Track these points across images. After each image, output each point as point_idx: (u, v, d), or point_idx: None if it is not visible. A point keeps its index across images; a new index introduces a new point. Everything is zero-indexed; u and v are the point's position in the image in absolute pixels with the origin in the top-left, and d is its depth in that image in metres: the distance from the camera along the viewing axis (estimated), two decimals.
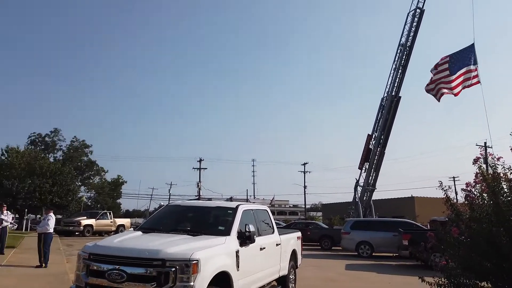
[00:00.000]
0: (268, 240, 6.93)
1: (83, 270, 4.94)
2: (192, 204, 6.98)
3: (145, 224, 6.53)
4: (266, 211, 7.60)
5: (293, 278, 8.41)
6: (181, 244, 5.00)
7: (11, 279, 8.57)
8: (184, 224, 6.29)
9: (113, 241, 5.29)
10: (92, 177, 61.83)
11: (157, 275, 4.52)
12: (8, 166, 33.05)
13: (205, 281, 4.72)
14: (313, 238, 21.47)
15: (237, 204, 6.51)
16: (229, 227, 5.87)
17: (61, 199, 34.30)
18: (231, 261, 5.38)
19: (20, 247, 15.04)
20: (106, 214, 30.54)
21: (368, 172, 28.57)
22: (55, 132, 59.82)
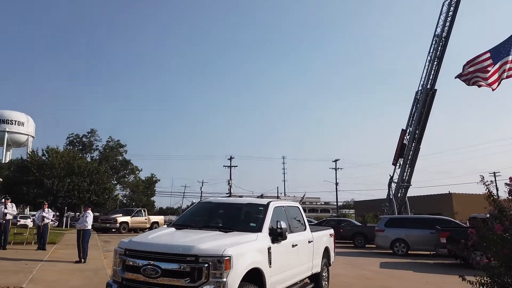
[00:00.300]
0: (300, 237, 6.85)
1: (119, 265, 5.07)
2: (223, 201, 7.02)
3: (178, 221, 6.62)
4: (297, 208, 7.52)
5: (326, 276, 8.30)
6: (213, 240, 5.03)
7: (53, 273, 8.95)
8: (216, 221, 6.33)
9: (148, 237, 5.40)
10: (127, 176, 63.60)
11: (190, 271, 4.56)
12: (48, 166, 34.53)
13: (238, 277, 4.72)
14: (345, 235, 21.13)
15: (268, 201, 6.47)
16: (260, 223, 5.85)
17: (98, 197, 35.55)
18: (263, 258, 5.36)
19: (61, 243, 15.69)
20: (140, 212, 31.37)
21: (403, 168, 27.76)
22: (92, 133, 62.06)
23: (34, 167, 33.95)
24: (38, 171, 33.59)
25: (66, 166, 34.87)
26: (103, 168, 38.60)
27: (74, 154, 38.99)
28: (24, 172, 34.00)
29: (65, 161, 35.32)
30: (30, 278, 8.16)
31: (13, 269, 9.12)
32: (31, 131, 73.15)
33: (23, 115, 72.08)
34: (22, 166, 35.83)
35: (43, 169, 34.03)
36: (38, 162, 34.84)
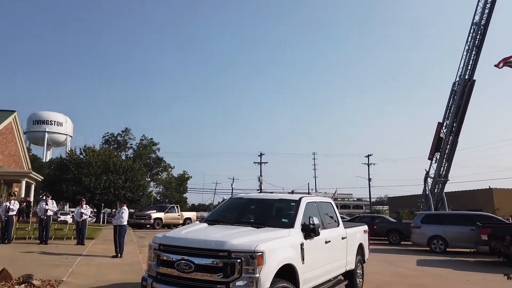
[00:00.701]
0: (333, 233, 6.73)
1: (154, 260, 5.14)
2: (255, 196, 6.97)
3: (210, 216, 6.65)
4: (330, 203, 7.38)
5: (361, 273, 8.12)
6: (245, 236, 5.00)
7: (91, 268, 9.25)
8: (247, 216, 6.30)
9: (181, 232, 5.44)
10: (160, 173, 65.05)
11: (223, 266, 4.56)
12: (86, 164, 35.83)
13: (271, 273, 4.67)
14: (380, 232, 20.64)
15: (300, 197, 6.38)
16: (292, 219, 5.78)
17: (133, 194, 36.55)
18: (296, 254, 5.28)
19: (99, 239, 16.22)
20: (174, 208, 31.99)
21: (439, 163, 26.77)
22: (126, 132, 63.86)
23: (73, 165, 35.34)
24: (76, 169, 34.94)
25: (102, 164, 36.04)
26: (137, 166, 39.60)
27: (110, 153, 40.22)
28: (63, 170, 35.46)
29: (101, 159, 36.50)
30: (70, 272, 8.47)
31: (54, 263, 9.50)
32: (69, 131, 76.25)
33: (61, 115, 75.24)
34: (61, 164, 37.38)
35: (81, 167, 35.34)
36: (76, 161, 36.22)
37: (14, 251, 11.35)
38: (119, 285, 7.50)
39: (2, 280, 6.82)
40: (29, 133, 70.38)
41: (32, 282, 6.84)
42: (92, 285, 7.27)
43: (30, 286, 6.71)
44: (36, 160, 57.68)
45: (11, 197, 13.89)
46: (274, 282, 4.72)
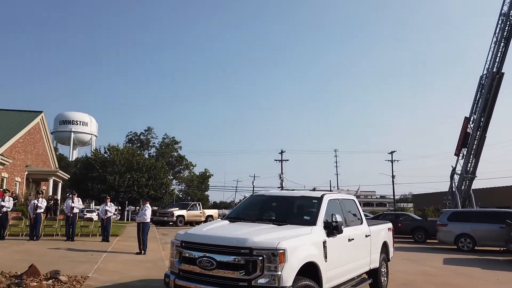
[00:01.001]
0: (356, 231, 6.60)
1: (176, 257, 5.16)
2: (276, 193, 6.92)
3: (231, 214, 6.64)
4: (353, 201, 7.24)
5: (385, 272, 7.95)
6: (267, 233, 4.96)
7: (116, 264, 9.41)
8: (269, 214, 6.26)
9: (202, 229, 5.44)
10: (182, 171, 65.80)
11: (245, 263, 4.52)
12: (110, 163, 36.62)
13: (293, 270, 4.61)
14: (404, 230, 20.21)
15: (322, 194, 6.28)
16: (314, 217, 5.69)
17: (156, 191, 37.11)
18: (318, 252, 5.20)
19: (123, 235, 16.54)
20: (196, 206, 32.30)
21: (467, 159, 25.94)
22: (149, 131, 64.85)
23: (98, 164, 36.19)
24: (101, 168, 35.76)
25: (126, 163, 36.75)
26: (160, 164, 40.16)
27: (133, 151, 40.97)
28: (89, 169, 36.36)
29: (125, 158, 37.23)
30: (95, 268, 8.65)
31: (80, 259, 9.72)
32: (94, 131, 78.14)
33: (86, 115, 77.18)
34: (87, 163, 38.34)
35: (106, 166, 36.14)
36: (101, 160, 37.07)
37: (42, 247, 11.69)
38: (143, 281, 7.60)
39: (31, 275, 7.01)
40: (56, 133, 72.54)
41: (59, 278, 7.00)
42: (117, 281, 7.39)
43: (57, 282, 6.86)
44: (63, 159, 59.40)
45: (39, 195, 14.32)
46: (297, 280, 4.66)
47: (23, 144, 26.45)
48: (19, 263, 8.62)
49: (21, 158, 26.31)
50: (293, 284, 4.58)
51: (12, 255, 9.96)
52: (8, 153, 22.99)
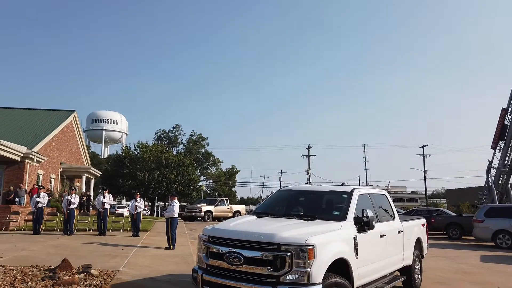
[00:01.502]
0: (388, 227, 6.37)
1: (203, 252, 5.11)
2: (304, 188, 6.76)
3: (259, 209, 6.54)
4: (384, 195, 6.99)
5: (419, 269, 7.66)
6: (295, 229, 4.84)
7: (145, 259, 9.54)
8: (297, 209, 6.12)
9: (230, 224, 5.37)
10: (209, 168, 66.43)
11: (273, 259, 4.42)
12: (140, 159, 37.42)
13: (323, 267, 4.47)
14: (438, 226, 19.52)
15: (352, 188, 6.07)
16: (344, 212, 5.51)
17: (184, 187, 37.64)
18: (349, 248, 5.03)
19: (153, 231, 16.81)
20: (223, 201, 32.48)
21: (504, 152, 24.78)
22: (176, 128, 65.86)
23: (128, 161, 37.06)
24: (131, 165, 36.60)
25: (155, 160, 37.45)
26: (188, 161, 40.67)
27: (162, 148, 41.69)
28: (120, 166, 37.31)
29: (154, 155, 37.94)
30: (126, 262, 8.79)
31: (111, 254, 9.92)
32: (125, 129, 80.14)
33: (117, 114, 79.23)
34: (117, 160, 39.35)
35: (136, 163, 36.96)
36: (131, 157, 37.94)
37: (75, 242, 12.03)
38: (171, 275, 7.65)
39: (64, 269, 7.19)
40: (88, 131, 74.94)
41: (91, 272, 7.14)
42: (147, 276, 7.47)
43: (89, 276, 7.00)
44: (95, 156, 61.19)
45: (72, 191, 14.75)
46: (326, 276, 4.52)
47: (57, 142, 27.35)
48: (53, 257, 8.88)
49: (56, 156, 27.23)
50: (323, 281, 4.44)
51: (47, 249, 10.30)
52: (43, 151, 23.81)
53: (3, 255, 9.04)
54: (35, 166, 22.72)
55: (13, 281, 6.33)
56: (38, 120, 27.77)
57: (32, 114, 29.50)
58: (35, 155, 21.57)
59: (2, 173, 20.92)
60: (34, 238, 12.61)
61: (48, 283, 6.35)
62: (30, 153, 20.98)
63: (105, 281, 6.78)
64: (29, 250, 9.96)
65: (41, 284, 6.25)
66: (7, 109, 30.22)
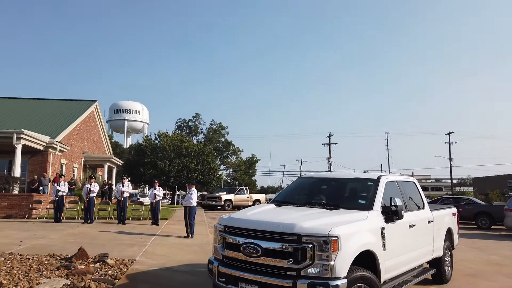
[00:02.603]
0: (417, 216, 5.94)
1: (219, 243, 4.82)
2: (326, 175, 6.35)
3: (278, 197, 6.18)
4: (413, 183, 6.53)
5: (449, 261, 7.19)
6: (317, 219, 4.48)
7: (163, 248, 9.39)
8: (319, 197, 5.75)
9: (246, 213, 5.04)
10: (229, 157, 66.41)
11: (293, 251, 4.09)
12: (160, 148, 37.64)
13: (348, 260, 4.11)
14: (466, 215, 18.75)
15: (379, 175, 5.65)
16: (371, 200, 5.11)
17: (204, 176, 37.69)
18: (375, 239, 4.65)
19: (172, 219, 16.76)
20: (243, 190, 32.37)
21: None
22: (196, 117, 65.91)
23: (149, 150, 37.34)
24: (152, 154, 36.87)
25: (175, 149, 37.60)
26: (208, 149, 40.64)
27: (182, 137, 41.79)
28: (141, 155, 37.64)
29: (174, 144, 38.09)
30: (143, 251, 8.65)
31: (130, 242, 9.82)
32: (146, 119, 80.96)
33: (138, 104, 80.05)
34: (139, 149, 39.73)
35: (156, 152, 37.21)
36: (151, 146, 38.21)
37: (94, 230, 12.03)
38: (189, 265, 7.44)
39: (80, 258, 7.08)
40: (111, 121, 76.09)
41: (107, 261, 7.00)
42: (163, 265, 7.28)
43: (104, 265, 6.86)
44: (118, 146, 62.14)
45: (91, 180, 14.77)
46: (352, 270, 4.16)
47: (79, 132, 27.70)
48: (71, 245, 8.83)
49: (78, 145, 27.61)
50: (348, 275, 4.09)
51: (65, 238, 10.30)
52: (66, 140, 24.13)
53: (22, 243, 9.06)
54: (58, 156, 23.06)
55: (28, 270, 6.24)
56: (60, 110, 28.16)
57: (55, 104, 29.96)
58: (57, 144, 21.87)
59: (27, 162, 21.31)
60: (55, 227, 12.70)
61: (63, 272, 6.23)
62: (53, 142, 21.27)
63: (120, 271, 6.62)
64: (48, 239, 9.97)
65: (56, 274, 6.14)
66: (30, 99, 30.80)
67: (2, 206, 15.82)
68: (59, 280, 5.71)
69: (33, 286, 5.43)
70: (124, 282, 5.97)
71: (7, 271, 6.13)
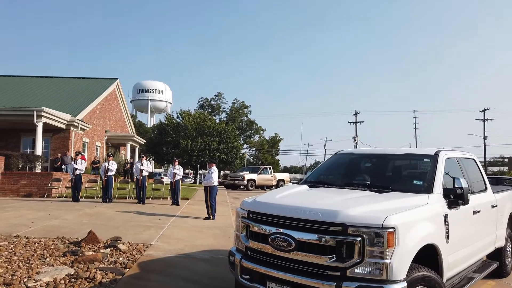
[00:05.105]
0: (481, 200, 4.93)
1: (242, 231, 3.97)
2: (370, 151, 5.33)
3: (311, 177, 5.24)
4: (473, 160, 5.47)
5: (510, 251, 6.14)
6: (365, 204, 3.53)
7: (182, 230, 8.69)
8: (361, 177, 4.77)
9: (275, 196, 4.11)
10: (252, 136, 65.64)
11: (336, 246, 3.18)
12: (183, 127, 37.17)
13: (407, 257, 3.21)
14: None
15: (436, 150, 4.62)
16: (429, 181, 4.13)
17: (227, 155, 37.10)
18: (438, 230, 3.72)
19: (193, 199, 16.12)
20: (266, 169, 31.57)
21: None
22: (219, 96, 65.16)
23: (171, 129, 36.93)
24: (174, 132, 36.46)
25: (197, 127, 37.06)
26: (230, 128, 39.93)
27: (204, 116, 41.16)
28: (163, 134, 37.32)
29: (196, 123, 37.53)
30: (160, 235, 7.96)
31: (147, 224, 9.16)
32: (169, 98, 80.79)
33: (161, 83, 79.81)
34: (161, 128, 39.44)
35: (178, 131, 36.78)
36: (173, 125, 37.78)
37: (112, 210, 11.48)
38: (208, 252, 6.68)
39: (89, 242, 6.43)
40: (135, 101, 76.34)
41: (118, 247, 6.31)
42: (180, 251, 6.55)
43: (115, 251, 6.19)
44: (142, 126, 62.32)
45: (109, 158, 14.21)
46: (411, 269, 3.24)
47: (101, 110, 27.37)
48: (84, 227, 8.23)
49: (100, 124, 27.32)
50: (407, 275, 3.16)
51: (80, 218, 9.74)
52: (88, 119, 23.81)
53: (33, 224, 8.52)
54: (80, 134, 22.79)
55: (31, 257, 5.60)
56: (81, 88, 27.85)
57: (75, 82, 29.67)
58: (79, 122, 21.55)
59: (49, 141, 21.13)
60: (72, 206, 12.24)
61: (69, 259, 5.57)
62: (74, 120, 20.95)
63: (133, 258, 5.92)
64: (62, 219, 9.43)
65: (60, 261, 5.48)
66: (52, 78, 30.63)
67: (22, 184, 15.59)
68: (62, 269, 5.04)
69: (32, 275, 4.77)
70: (135, 272, 5.24)
71: (8, 257, 5.52)
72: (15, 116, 18.23)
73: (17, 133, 20.68)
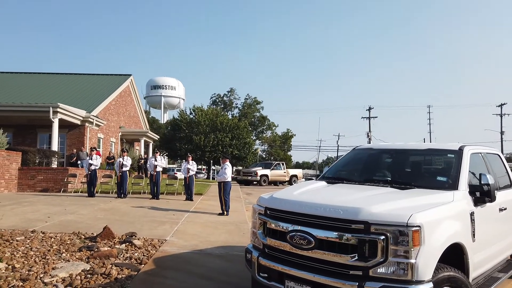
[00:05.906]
0: (507, 197, 4.73)
1: (259, 228, 3.87)
2: (390, 146, 5.16)
3: (329, 172, 5.10)
4: (498, 156, 5.26)
5: None
6: (389, 201, 3.39)
7: (196, 226, 8.65)
8: (382, 173, 4.64)
9: (293, 193, 4.00)
10: (265, 132, 65.52)
11: (358, 244, 3.06)
12: (196, 123, 37.27)
13: (433, 257, 3.07)
14: None
15: (461, 145, 4.44)
16: (454, 177, 3.96)
17: (240, 151, 37.10)
18: (464, 228, 3.57)
19: (207, 195, 16.12)
20: (279, 165, 31.44)
21: None
22: (231, 92, 65.14)
23: (184, 124, 37.06)
24: (187, 128, 36.58)
25: (210, 123, 37.12)
26: (243, 124, 39.90)
27: (217, 112, 41.20)
28: (176, 130, 37.49)
29: (209, 119, 37.59)
30: (175, 230, 7.93)
31: (161, 220, 9.15)
32: (182, 94, 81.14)
33: (174, 80, 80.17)
34: (174, 124, 39.63)
35: (191, 127, 36.89)
36: (186, 120, 37.90)
37: (126, 206, 11.52)
38: (223, 248, 6.61)
39: (105, 238, 6.43)
40: (148, 97, 76.91)
41: (133, 242, 6.30)
42: (195, 247, 6.50)
43: (131, 246, 6.17)
44: (155, 122, 62.71)
45: (124, 153, 14.28)
46: (437, 269, 3.10)
47: (115, 106, 27.58)
48: (100, 222, 8.25)
49: (115, 120, 27.54)
50: (433, 275, 3.03)
51: (95, 213, 9.79)
52: (102, 115, 24.01)
53: (49, 219, 8.58)
54: (95, 130, 23.01)
55: (47, 252, 5.62)
56: (96, 85, 28.09)
57: (90, 79, 29.95)
58: (94, 118, 21.74)
59: (65, 137, 21.38)
60: (87, 201, 12.33)
61: (84, 254, 5.56)
62: (89, 116, 21.14)
63: (148, 253, 5.90)
64: (78, 214, 9.49)
65: (76, 256, 5.47)
66: (66, 74, 30.98)
67: (38, 179, 15.82)
68: (78, 264, 5.03)
69: (48, 271, 4.77)
70: (150, 268, 5.21)
71: (24, 252, 5.54)
72: (32, 112, 18.47)
73: (34, 129, 20.99)
